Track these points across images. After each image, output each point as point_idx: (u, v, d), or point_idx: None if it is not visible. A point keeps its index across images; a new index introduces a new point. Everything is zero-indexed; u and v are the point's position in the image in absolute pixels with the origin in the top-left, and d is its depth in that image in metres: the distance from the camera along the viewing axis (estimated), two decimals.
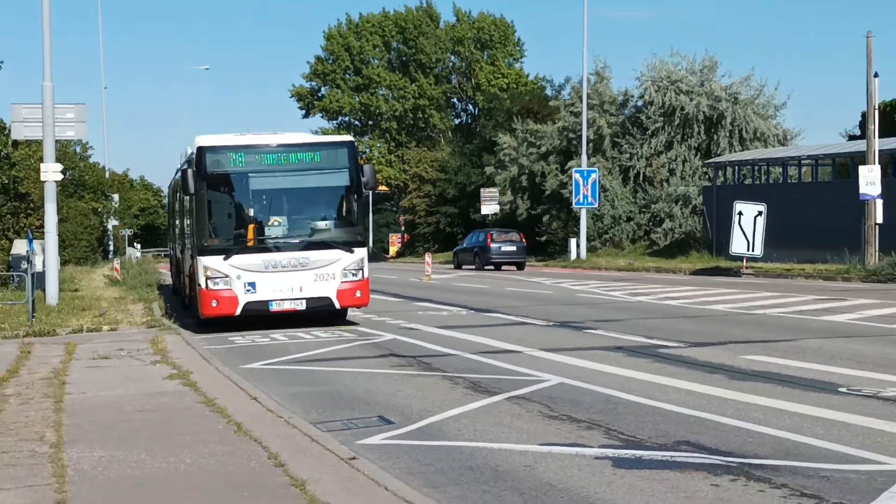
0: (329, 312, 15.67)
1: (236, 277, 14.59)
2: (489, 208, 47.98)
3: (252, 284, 14.63)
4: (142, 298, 21.20)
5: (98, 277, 31.42)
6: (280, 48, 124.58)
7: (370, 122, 67.57)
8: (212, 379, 9.95)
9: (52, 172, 18.61)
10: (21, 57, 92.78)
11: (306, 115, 69.34)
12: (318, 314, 15.60)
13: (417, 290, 25.16)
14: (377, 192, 60.24)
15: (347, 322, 15.95)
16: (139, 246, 65.03)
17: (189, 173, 14.77)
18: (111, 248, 51.85)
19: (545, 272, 34.61)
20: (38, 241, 19.89)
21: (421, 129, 66.88)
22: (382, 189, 63.82)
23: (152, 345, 12.87)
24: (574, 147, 43.96)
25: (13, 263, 23.34)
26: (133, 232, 62.73)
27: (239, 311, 14.66)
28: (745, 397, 8.53)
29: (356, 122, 67.40)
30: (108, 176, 50.40)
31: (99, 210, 45.05)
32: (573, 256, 39.99)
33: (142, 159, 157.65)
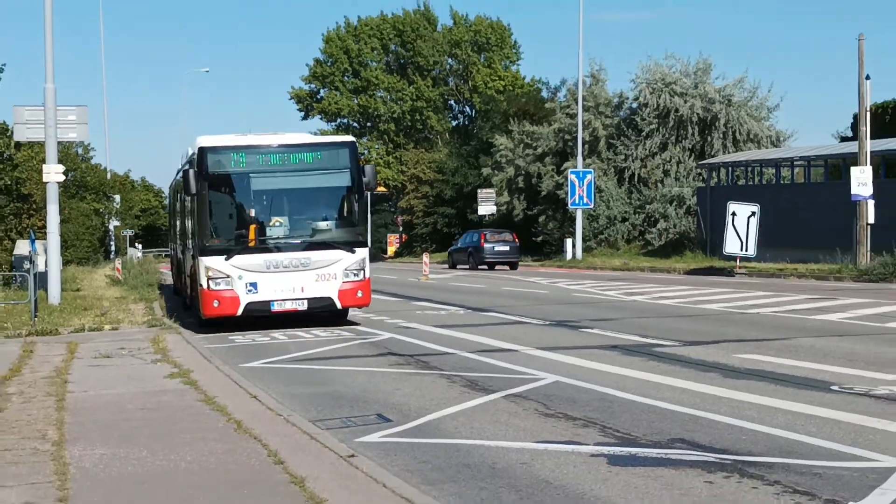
0: (330, 313, 15.60)
1: (238, 278, 14.51)
2: (486, 209, 48.03)
3: (253, 285, 14.55)
4: (143, 298, 21.22)
5: (100, 277, 31.40)
6: (280, 50, 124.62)
7: (368, 124, 67.62)
8: (212, 377, 9.97)
9: (54, 174, 18.66)
10: (23, 58, 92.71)
11: (305, 117, 69.53)
12: (319, 314, 15.55)
13: (415, 289, 25.21)
14: (375, 192, 60.38)
15: (346, 321, 15.94)
16: (140, 246, 65.08)
17: (190, 173, 14.66)
18: (113, 248, 51.93)
19: (541, 272, 34.61)
20: (40, 242, 19.92)
21: (419, 130, 66.98)
22: (381, 190, 63.81)
23: (153, 344, 12.89)
24: (570, 148, 44.08)
25: (16, 264, 23.41)
26: (134, 232, 62.91)
27: (240, 311, 14.58)
28: (738, 395, 8.56)
29: (355, 124, 67.42)
30: (109, 177, 50.47)
31: (100, 211, 45.10)
32: (569, 256, 40.08)
33: (143, 160, 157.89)
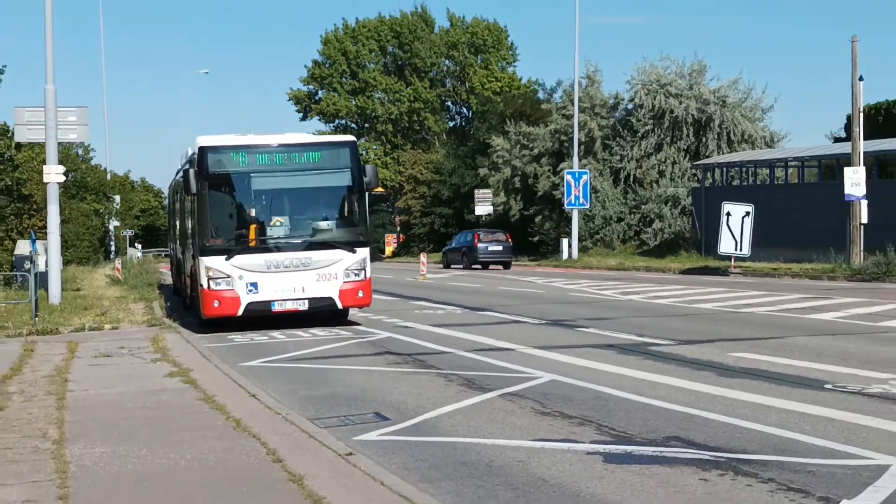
0: (331, 313, 15.53)
1: (238, 278, 14.40)
2: (483, 209, 48.15)
3: (254, 285, 14.45)
4: (143, 298, 21.24)
5: (100, 277, 31.45)
6: (279, 52, 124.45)
7: (366, 125, 67.75)
8: (211, 376, 9.98)
9: (54, 174, 18.68)
10: (23, 58, 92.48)
11: (304, 118, 69.84)
12: (319, 314, 15.50)
13: (413, 289, 25.28)
14: (373, 193, 60.62)
15: (345, 321, 15.88)
16: (140, 246, 65.27)
17: (191, 173, 14.55)
18: (112, 248, 52.11)
19: (538, 272, 34.68)
20: (40, 242, 20.02)
21: (416, 131, 67.16)
22: (378, 190, 63.89)
23: (153, 343, 12.91)
24: (566, 149, 44.17)
25: (17, 263, 23.50)
26: (134, 232, 63.11)
27: (241, 311, 14.48)
28: (733, 394, 8.60)
29: (353, 125, 67.55)
30: (109, 178, 50.65)
31: (100, 211, 45.24)
32: (565, 256, 40.15)
33: (142, 161, 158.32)
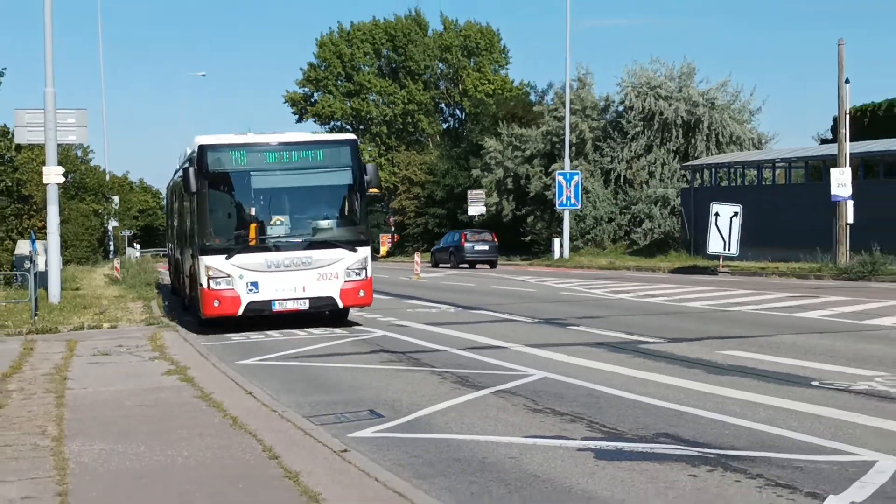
0: (332, 312, 15.42)
1: (238, 277, 14.23)
2: (476, 209, 48.33)
3: (254, 284, 14.28)
4: (141, 297, 21.24)
5: (98, 277, 31.46)
6: (277, 54, 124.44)
7: (361, 127, 67.83)
8: (208, 375, 10.00)
9: (54, 175, 18.68)
10: (23, 59, 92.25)
11: (299, 120, 70.19)
12: (319, 314, 15.41)
13: (407, 288, 25.34)
14: (367, 193, 60.88)
15: (343, 320, 15.80)
16: (138, 246, 65.29)
17: (191, 171, 14.37)
18: (111, 248, 52.19)
19: (530, 271, 34.74)
20: (40, 242, 20.04)
21: (410, 133, 67.35)
22: (373, 191, 64.10)
23: (151, 342, 12.91)
24: (557, 150, 44.34)
25: (17, 263, 23.54)
26: (132, 233, 63.18)
27: (241, 311, 14.31)
28: (722, 391, 8.66)
29: (347, 127, 67.64)
30: (108, 178, 50.82)
31: (99, 211, 45.32)
32: (556, 256, 40.29)
33: (141, 162, 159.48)
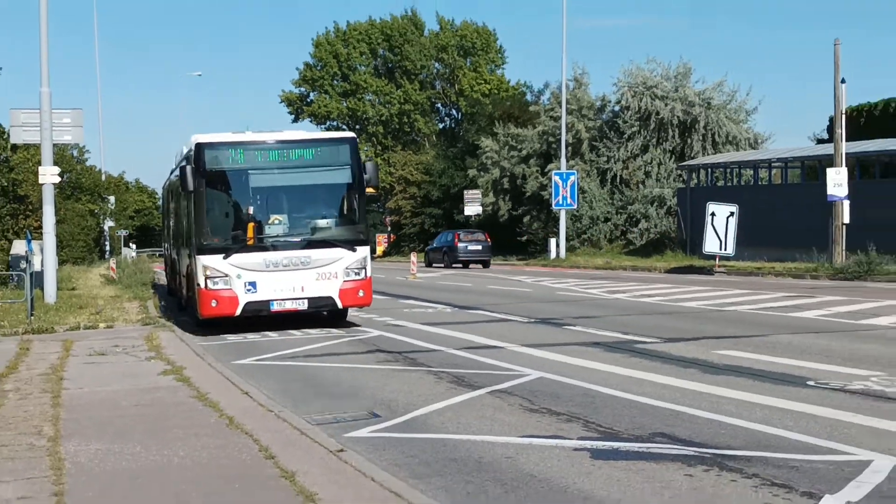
0: (330, 312, 15.32)
1: (236, 277, 14.07)
2: (472, 209, 48.36)
3: (252, 284, 14.11)
4: (137, 297, 21.23)
5: (95, 277, 31.44)
6: (274, 53, 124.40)
7: (357, 127, 67.91)
8: (205, 374, 9.99)
9: (49, 175, 18.64)
10: (19, 59, 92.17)
11: (295, 120, 70.31)
12: (317, 314, 15.33)
13: (403, 288, 25.31)
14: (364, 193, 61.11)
15: (341, 320, 15.73)
16: (134, 246, 65.34)
17: (188, 170, 14.17)
18: (107, 248, 52.15)
19: (526, 271, 34.77)
20: (36, 242, 20.03)
21: (406, 133, 67.43)
22: (369, 191, 64.21)
23: (147, 341, 12.89)
24: (553, 150, 44.38)
25: (12, 263, 23.48)
26: (128, 233, 63.29)
27: (239, 311, 14.15)
28: (718, 391, 8.68)
29: (344, 127, 67.75)
30: (104, 178, 50.87)
31: (95, 212, 45.35)
32: (553, 256, 40.34)
33: (137, 162, 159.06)
